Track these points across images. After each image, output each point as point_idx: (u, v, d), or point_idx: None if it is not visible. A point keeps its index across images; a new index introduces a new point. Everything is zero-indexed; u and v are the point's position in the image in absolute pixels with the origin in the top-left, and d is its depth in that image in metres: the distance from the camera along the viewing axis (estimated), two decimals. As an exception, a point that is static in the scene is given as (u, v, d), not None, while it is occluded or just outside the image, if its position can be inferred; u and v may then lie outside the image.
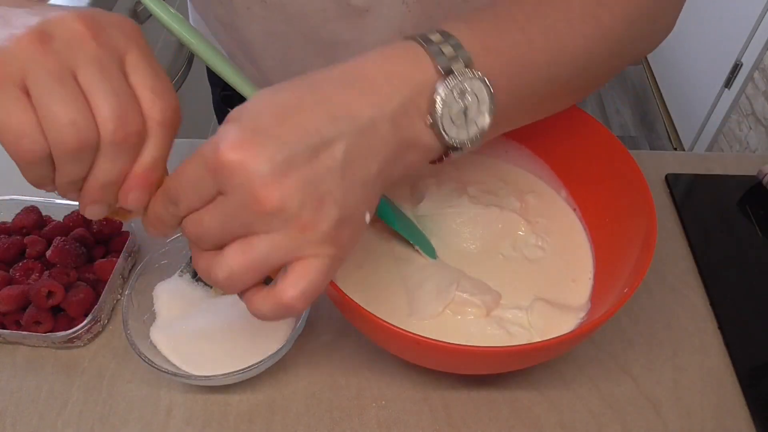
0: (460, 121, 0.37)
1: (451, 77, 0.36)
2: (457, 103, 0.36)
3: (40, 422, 0.49)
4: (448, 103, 0.36)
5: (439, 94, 0.36)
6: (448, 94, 0.36)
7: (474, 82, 0.36)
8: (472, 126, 0.38)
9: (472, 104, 0.37)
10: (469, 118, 0.37)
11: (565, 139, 0.56)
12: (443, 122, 0.36)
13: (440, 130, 0.36)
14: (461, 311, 0.49)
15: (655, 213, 0.47)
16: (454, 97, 0.36)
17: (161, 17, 0.37)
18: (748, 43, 1.76)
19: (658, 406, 0.50)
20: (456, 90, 0.36)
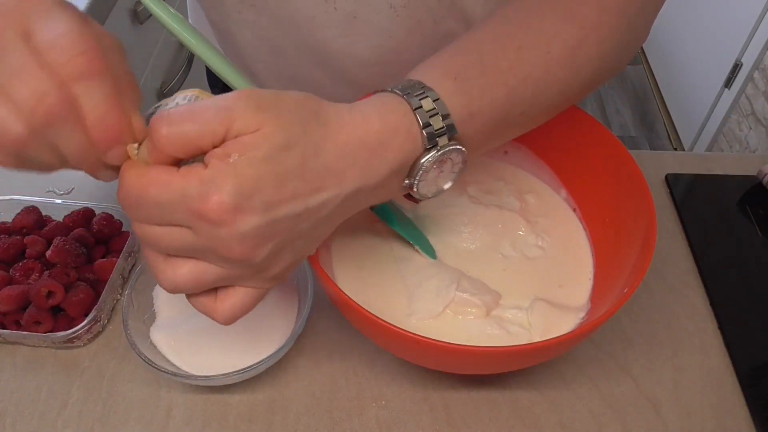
0: (431, 181, 0.40)
1: (435, 149, 0.38)
2: (433, 170, 0.39)
3: (40, 422, 0.49)
4: (427, 170, 0.39)
5: (422, 165, 0.38)
6: (428, 165, 0.38)
7: (453, 152, 0.39)
8: (438, 185, 0.41)
9: (446, 169, 0.40)
10: (439, 179, 0.41)
11: (565, 139, 0.56)
12: (418, 185, 0.39)
13: (414, 190, 0.40)
14: (461, 311, 0.49)
15: (655, 213, 0.47)
16: (433, 166, 0.39)
17: (161, 17, 0.37)
18: (748, 43, 1.76)
19: (658, 406, 0.50)
20: (436, 160, 0.38)
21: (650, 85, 2.39)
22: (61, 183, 0.66)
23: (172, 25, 0.37)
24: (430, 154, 0.38)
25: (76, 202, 0.59)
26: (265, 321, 0.51)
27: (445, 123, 0.38)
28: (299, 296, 0.53)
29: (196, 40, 0.38)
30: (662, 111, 2.28)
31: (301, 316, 0.51)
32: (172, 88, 1.35)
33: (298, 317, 0.52)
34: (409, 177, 0.39)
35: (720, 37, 1.90)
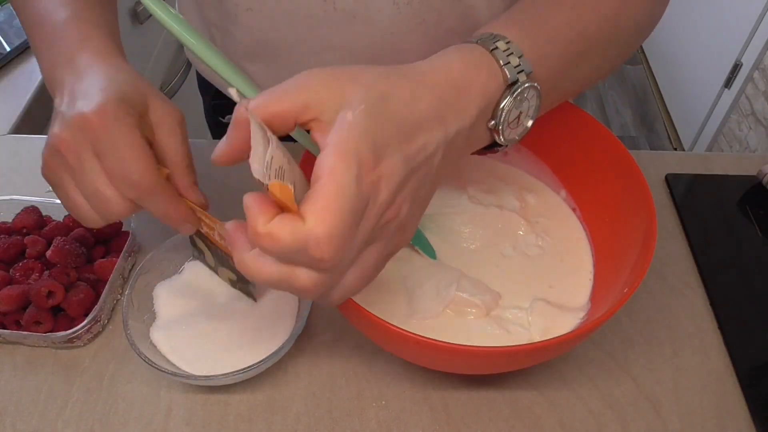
0: (513, 123, 0.41)
1: (515, 86, 0.39)
2: (515, 110, 0.40)
3: (40, 422, 0.49)
4: (509, 110, 0.40)
5: (505, 103, 0.39)
6: (511, 103, 0.40)
7: (530, 90, 0.41)
8: (521, 127, 0.42)
9: (525, 109, 0.42)
10: (520, 120, 0.42)
11: (565, 139, 0.56)
12: (503, 126, 0.40)
13: (499, 132, 0.41)
14: (461, 311, 0.49)
15: (655, 213, 0.47)
16: (514, 105, 0.40)
17: (161, 17, 0.37)
18: (748, 43, 1.76)
19: (658, 406, 0.50)
20: (518, 98, 0.40)
21: (650, 85, 2.39)
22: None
23: (172, 25, 0.37)
24: (511, 91, 0.39)
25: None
26: (265, 321, 0.51)
27: (521, 61, 0.39)
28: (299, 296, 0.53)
29: (196, 40, 0.38)
30: (662, 111, 2.28)
31: (300, 316, 0.51)
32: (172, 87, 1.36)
33: (298, 317, 0.52)
34: (493, 118, 0.40)
35: (720, 37, 1.90)
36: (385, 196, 0.33)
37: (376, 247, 0.35)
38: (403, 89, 0.35)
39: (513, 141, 0.42)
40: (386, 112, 0.33)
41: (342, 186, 0.31)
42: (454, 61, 0.38)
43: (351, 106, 0.32)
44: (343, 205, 0.31)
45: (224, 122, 0.79)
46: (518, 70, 0.39)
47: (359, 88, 0.33)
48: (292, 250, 0.31)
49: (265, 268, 0.33)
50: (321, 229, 0.30)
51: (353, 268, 0.35)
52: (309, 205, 0.31)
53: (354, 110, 0.32)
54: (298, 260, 0.32)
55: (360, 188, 0.31)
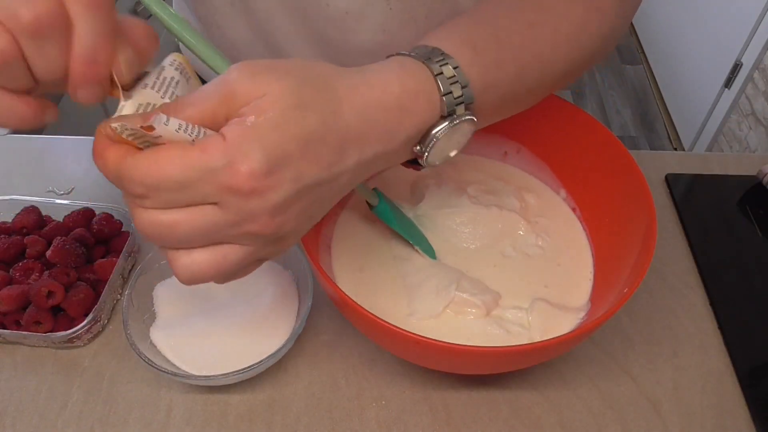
0: (440, 150, 0.39)
1: (451, 118, 0.38)
2: (444, 138, 0.38)
3: (40, 422, 0.49)
4: (439, 138, 0.38)
5: (436, 131, 0.38)
6: (443, 133, 0.38)
7: (465, 123, 0.38)
8: (446, 153, 0.40)
9: (455, 140, 0.40)
10: (447, 148, 0.40)
11: (565, 139, 0.56)
12: (429, 153, 0.38)
13: (423, 157, 0.39)
14: (461, 311, 0.49)
15: (655, 213, 0.47)
16: (446, 135, 0.38)
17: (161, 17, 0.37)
18: (748, 43, 1.76)
19: (658, 406, 0.50)
20: (452, 129, 0.38)
21: (650, 85, 2.39)
22: (61, 183, 0.66)
23: (172, 25, 0.37)
24: (446, 122, 0.38)
25: (76, 202, 0.59)
26: (265, 321, 0.51)
27: (464, 92, 0.38)
28: (299, 296, 0.53)
29: (196, 40, 0.38)
30: (662, 111, 2.28)
31: (301, 316, 0.51)
32: (172, 88, 1.35)
33: (298, 317, 0.52)
34: (421, 144, 0.38)
35: (720, 37, 1.90)
36: (255, 206, 0.31)
37: (234, 248, 0.33)
38: (326, 103, 0.33)
39: (434, 165, 0.40)
40: (295, 126, 0.31)
41: (193, 163, 0.30)
42: (393, 82, 0.36)
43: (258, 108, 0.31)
44: (174, 173, 0.30)
45: None
46: (458, 102, 0.37)
47: (279, 90, 0.32)
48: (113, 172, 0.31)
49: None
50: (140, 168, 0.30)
51: (203, 252, 0.33)
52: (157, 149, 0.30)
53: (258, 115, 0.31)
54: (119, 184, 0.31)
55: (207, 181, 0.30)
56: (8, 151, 0.70)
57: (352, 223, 0.55)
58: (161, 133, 0.30)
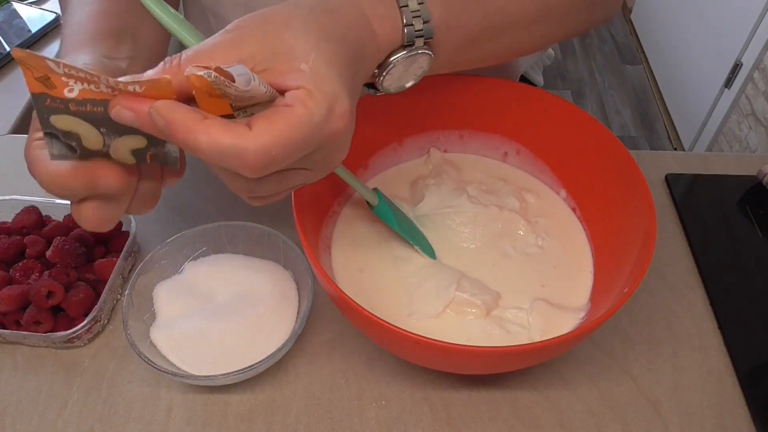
0: (396, 78, 0.42)
1: (409, 48, 0.40)
2: (400, 67, 0.41)
3: (40, 422, 0.49)
4: (395, 66, 0.41)
5: (395, 59, 0.40)
6: (401, 61, 0.41)
7: (423, 56, 0.41)
8: (401, 82, 0.43)
9: (411, 70, 0.42)
10: (403, 77, 0.43)
11: (564, 139, 0.56)
12: (384, 78, 0.42)
13: (378, 81, 0.42)
14: (461, 311, 0.49)
15: (655, 213, 0.47)
16: (404, 64, 0.41)
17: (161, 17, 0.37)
18: (748, 43, 1.76)
19: (658, 406, 0.50)
20: (408, 59, 0.41)
21: (650, 85, 2.39)
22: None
23: (172, 25, 0.37)
24: (403, 52, 0.40)
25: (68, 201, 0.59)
26: (265, 321, 0.51)
27: (425, 27, 0.40)
28: (299, 296, 0.53)
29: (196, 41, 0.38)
30: (662, 111, 2.28)
31: (301, 316, 0.51)
32: (172, 88, 1.35)
33: (298, 317, 0.52)
34: (379, 68, 0.41)
35: (720, 37, 1.90)
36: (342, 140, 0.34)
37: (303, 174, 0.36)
38: (335, 29, 0.35)
39: (388, 92, 0.43)
40: (336, 56, 0.34)
41: (304, 123, 0.31)
42: (363, 3, 0.38)
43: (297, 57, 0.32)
44: (292, 136, 0.31)
45: None
46: (418, 34, 0.40)
47: (298, 35, 0.33)
48: (227, 153, 0.31)
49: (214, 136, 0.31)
50: (263, 141, 0.30)
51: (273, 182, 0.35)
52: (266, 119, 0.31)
53: (307, 61, 0.32)
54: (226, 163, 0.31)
55: (319, 132, 0.32)
56: (8, 151, 0.70)
57: (352, 223, 0.55)
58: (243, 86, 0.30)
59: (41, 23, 0.89)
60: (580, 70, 2.47)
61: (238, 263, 0.55)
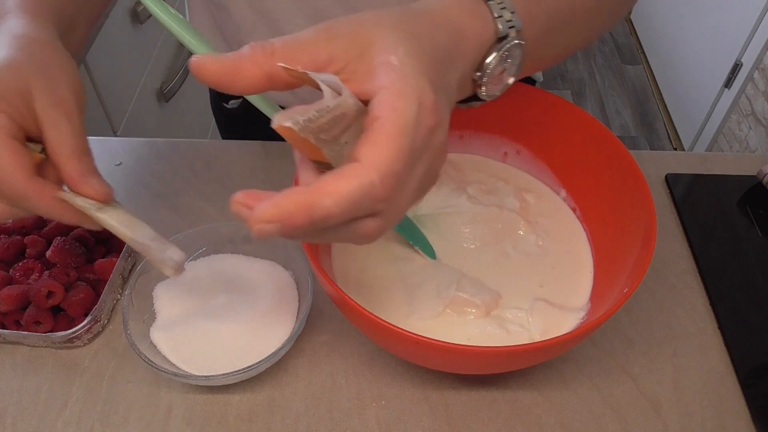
0: (496, 79, 0.41)
1: (504, 42, 0.39)
2: (500, 65, 0.40)
3: (40, 422, 0.49)
4: (495, 65, 0.39)
5: (492, 57, 0.39)
6: (497, 58, 0.39)
7: (517, 48, 0.40)
8: (502, 84, 0.42)
9: (509, 66, 0.41)
10: (503, 77, 0.41)
11: (564, 139, 0.56)
12: (486, 80, 0.40)
13: (482, 86, 0.40)
14: (461, 311, 0.49)
15: (655, 213, 0.47)
16: (500, 60, 0.39)
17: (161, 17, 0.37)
18: (748, 43, 1.76)
19: (658, 406, 0.50)
20: (504, 54, 0.39)
21: (650, 85, 2.39)
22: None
23: (172, 25, 0.37)
24: (499, 47, 0.39)
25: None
26: (265, 321, 0.51)
27: (513, 17, 0.39)
28: (299, 296, 0.53)
29: (196, 41, 0.38)
30: (662, 111, 2.28)
31: (301, 316, 0.51)
32: (172, 88, 1.36)
33: (298, 317, 0.52)
34: (479, 70, 0.39)
35: (720, 37, 1.90)
36: (441, 138, 0.33)
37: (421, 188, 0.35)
38: (424, 29, 0.34)
39: (493, 97, 0.42)
40: (423, 53, 0.33)
41: (404, 127, 0.30)
42: (452, 4, 0.38)
43: (387, 50, 0.32)
44: (403, 145, 0.30)
45: (228, 107, 0.80)
46: (509, 25, 0.39)
47: (387, 31, 0.33)
48: (358, 197, 0.29)
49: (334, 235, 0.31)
50: (384, 166, 0.29)
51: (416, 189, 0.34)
52: (368, 143, 0.30)
53: (396, 54, 0.32)
54: (361, 210, 0.30)
55: (419, 131, 0.31)
56: (8, 151, 0.70)
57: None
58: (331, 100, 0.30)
59: (41, 23, 0.89)
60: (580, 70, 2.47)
61: (238, 263, 0.55)
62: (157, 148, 0.69)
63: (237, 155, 0.69)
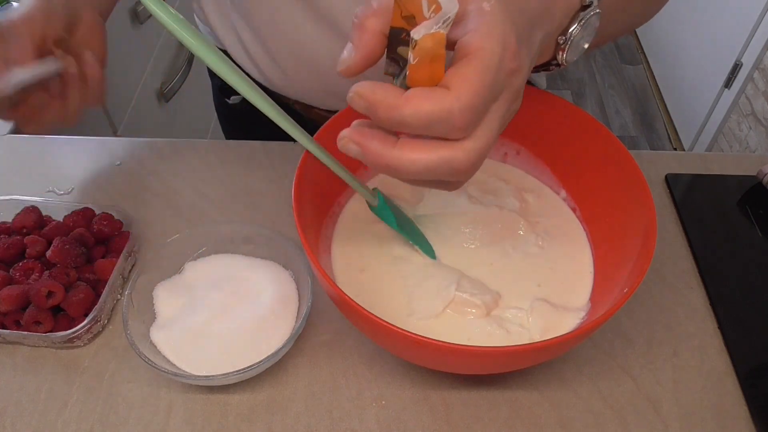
0: (576, 44, 0.44)
1: (588, 10, 0.42)
2: (581, 32, 0.43)
3: (40, 422, 0.49)
4: (578, 30, 0.42)
5: (577, 22, 0.42)
6: (579, 27, 0.42)
7: (595, 16, 0.43)
8: (579, 48, 0.45)
9: (586, 34, 0.44)
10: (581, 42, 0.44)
11: (564, 139, 0.56)
12: (569, 45, 0.43)
13: (565, 50, 0.43)
14: (461, 311, 0.49)
15: (655, 213, 0.47)
16: (582, 26, 0.42)
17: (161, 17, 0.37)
18: (748, 43, 1.76)
19: (658, 406, 0.50)
20: (585, 20, 0.42)
21: (650, 85, 2.39)
22: (61, 183, 0.66)
23: (172, 25, 0.37)
24: (582, 14, 0.42)
25: (76, 203, 0.59)
26: (265, 321, 0.51)
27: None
28: (299, 296, 0.53)
29: (196, 40, 0.38)
30: (662, 111, 2.28)
31: (301, 316, 0.51)
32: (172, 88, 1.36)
33: (298, 317, 0.52)
34: (563, 34, 0.43)
35: (720, 37, 1.90)
36: (519, 84, 0.35)
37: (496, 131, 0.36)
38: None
39: (570, 61, 0.45)
40: (514, 6, 0.35)
41: (488, 63, 0.32)
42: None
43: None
44: (486, 81, 0.32)
45: (230, 103, 0.80)
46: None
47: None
48: (435, 119, 0.32)
49: (418, 154, 0.33)
50: (465, 98, 0.32)
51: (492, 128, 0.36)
52: (456, 74, 0.32)
53: (489, 1, 0.33)
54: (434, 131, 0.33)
55: (501, 71, 0.33)
56: (8, 151, 0.70)
57: (352, 223, 0.55)
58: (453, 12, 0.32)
59: (41, 23, 0.89)
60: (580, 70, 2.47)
61: (238, 263, 0.55)
62: (157, 148, 0.69)
63: (237, 155, 0.69)
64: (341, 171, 0.45)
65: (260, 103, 0.40)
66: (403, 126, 0.33)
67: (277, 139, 0.66)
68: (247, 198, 0.64)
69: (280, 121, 0.39)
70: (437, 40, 0.32)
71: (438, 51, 0.32)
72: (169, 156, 0.68)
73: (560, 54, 0.44)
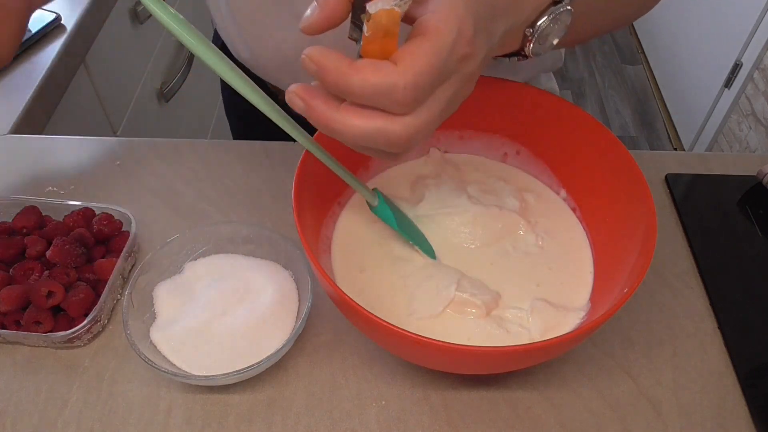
0: (544, 37, 0.44)
1: (558, 6, 0.42)
2: (549, 28, 0.43)
3: (40, 422, 0.49)
4: (547, 24, 0.43)
5: (544, 19, 0.43)
6: (549, 19, 0.43)
7: (566, 12, 0.43)
8: (547, 43, 0.45)
9: (556, 29, 0.44)
10: (548, 37, 0.45)
11: (565, 139, 0.56)
12: (537, 36, 0.43)
13: (531, 41, 0.44)
14: (461, 311, 0.49)
15: (655, 213, 0.47)
16: (552, 21, 0.43)
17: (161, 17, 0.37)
18: (748, 43, 1.76)
19: (658, 406, 0.50)
20: (555, 15, 0.43)
21: (650, 85, 2.39)
22: (61, 183, 0.66)
23: (172, 25, 0.37)
24: (552, 9, 0.42)
25: (76, 202, 0.59)
26: (265, 321, 0.51)
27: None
28: (299, 296, 0.53)
29: (196, 40, 0.38)
30: (662, 111, 2.28)
31: (301, 316, 0.51)
32: (172, 88, 1.35)
33: (298, 317, 0.52)
34: (531, 26, 0.43)
35: (720, 37, 1.90)
36: (471, 70, 0.36)
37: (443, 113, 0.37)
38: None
39: (537, 54, 0.45)
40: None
41: (440, 45, 0.33)
42: None
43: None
44: (434, 62, 0.33)
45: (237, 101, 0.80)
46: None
47: None
48: (379, 91, 0.33)
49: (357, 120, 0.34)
50: (411, 75, 0.32)
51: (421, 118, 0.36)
52: (406, 52, 0.33)
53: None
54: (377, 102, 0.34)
55: (453, 54, 0.34)
56: (8, 151, 0.70)
57: (352, 223, 0.55)
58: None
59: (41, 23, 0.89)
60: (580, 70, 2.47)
61: (238, 263, 0.55)
62: (157, 148, 0.69)
63: (237, 155, 0.69)
64: (341, 171, 0.45)
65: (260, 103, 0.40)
66: (348, 94, 0.34)
67: (279, 137, 0.66)
68: (247, 198, 0.64)
69: (280, 120, 0.39)
70: (392, 17, 0.32)
71: (391, 28, 0.33)
72: (169, 156, 0.68)
73: (528, 45, 0.44)
